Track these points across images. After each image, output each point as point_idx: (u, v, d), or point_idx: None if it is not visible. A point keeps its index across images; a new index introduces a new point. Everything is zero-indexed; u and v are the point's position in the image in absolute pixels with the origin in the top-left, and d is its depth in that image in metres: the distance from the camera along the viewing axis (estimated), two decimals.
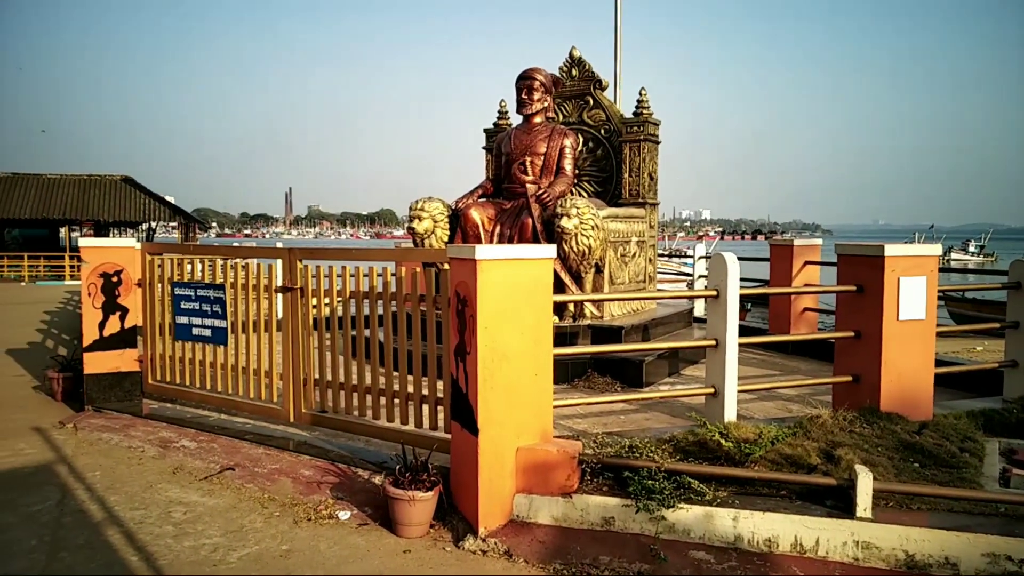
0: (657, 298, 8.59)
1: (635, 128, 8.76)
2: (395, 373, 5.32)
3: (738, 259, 5.36)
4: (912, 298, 5.35)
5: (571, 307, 7.92)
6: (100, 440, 6.05)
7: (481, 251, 4.15)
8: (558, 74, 9.11)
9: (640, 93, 8.85)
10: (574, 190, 8.75)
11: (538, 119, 8.55)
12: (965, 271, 34.49)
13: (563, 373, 7.07)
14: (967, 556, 3.63)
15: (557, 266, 7.34)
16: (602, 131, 9.11)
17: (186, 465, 5.40)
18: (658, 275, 10.14)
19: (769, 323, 9.95)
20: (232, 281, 6.24)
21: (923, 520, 3.82)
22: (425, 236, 8.10)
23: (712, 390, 5.41)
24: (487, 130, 9.88)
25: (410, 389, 5.23)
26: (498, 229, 8.10)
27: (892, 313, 5.34)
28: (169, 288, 6.64)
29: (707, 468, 4.27)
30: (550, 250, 4.51)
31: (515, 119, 9.09)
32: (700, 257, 13.14)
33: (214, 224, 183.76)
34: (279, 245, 8.02)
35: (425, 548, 4.14)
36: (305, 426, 5.88)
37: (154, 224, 35.21)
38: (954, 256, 54.99)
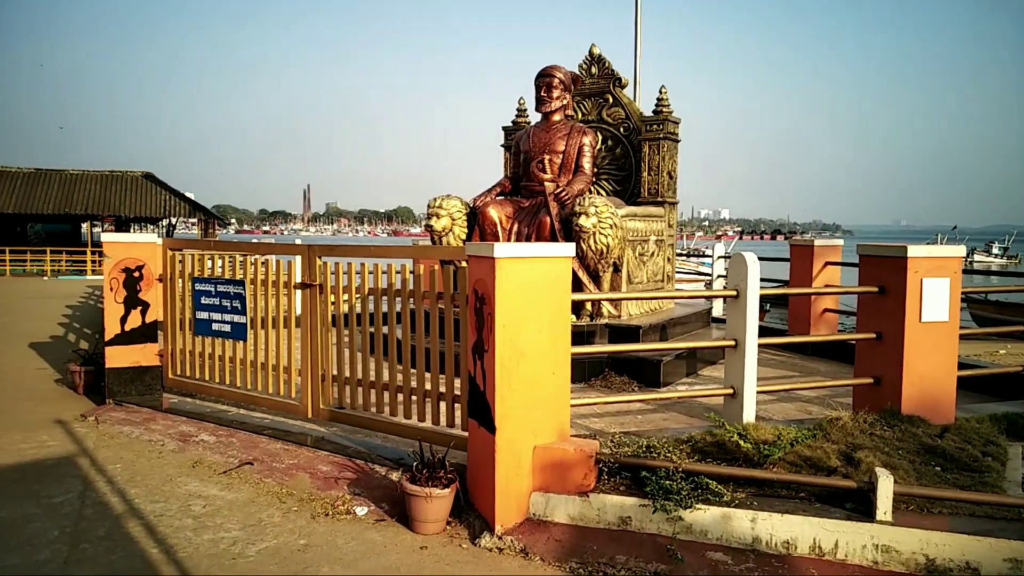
0: (675, 297, 8.56)
1: (655, 126, 8.73)
2: (412, 370, 5.34)
3: (758, 259, 5.33)
4: (935, 300, 5.29)
5: (589, 306, 7.90)
6: (121, 433, 6.11)
7: (500, 249, 4.15)
8: (578, 72, 9.08)
9: (660, 91, 8.81)
10: (592, 188, 8.73)
11: (557, 117, 8.53)
12: (988, 273, 34.07)
13: (580, 372, 7.06)
14: (988, 561, 3.58)
15: (575, 265, 7.33)
16: (621, 129, 9.08)
17: (205, 459, 5.45)
18: (676, 275, 10.10)
19: (788, 324, 9.88)
20: (252, 277, 6.29)
21: (944, 524, 3.78)
22: (443, 234, 8.11)
23: (731, 391, 5.38)
24: (505, 128, 9.88)
25: (427, 386, 5.25)
26: (516, 227, 8.10)
27: (915, 315, 5.28)
28: (190, 283, 6.71)
29: (725, 469, 4.25)
30: (568, 248, 4.51)
31: (534, 117, 9.08)
32: (719, 257, 13.07)
33: (233, 220, 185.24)
34: (298, 242, 8.06)
35: (442, 545, 4.15)
36: (323, 422, 5.91)
37: (174, 220, 35.51)
38: (977, 258, 54.33)
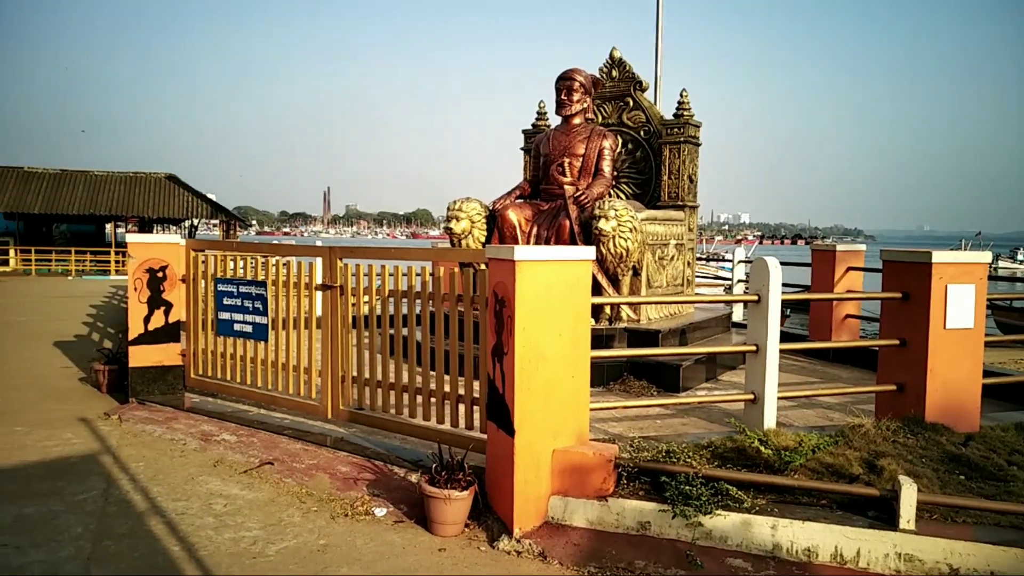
0: (695, 302, 8.51)
1: (675, 130, 8.69)
2: (431, 372, 5.35)
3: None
4: (960, 306, 5.23)
5: (607, 309, 7.88)
6: (143, 432, 6.18)
7: (520, 252, 4.15)
8: (598, 75, 9.07)
9: (681, 94, 8.78)
10: (612, 192, 8.72)
11: (577, 120, 8.53)
12: (1013, 279, 33.59)
13: (598, 376, 7.04)
14: (1014, 571, 3.53)
15: (594, 268, 7.30)
16: (641, 132, 9.05)
17: (226, 458, 5.50)
18: (695, 279, 10.05)
19: (809, 329, 9.80)
20: (273, 278, 6.34)
21: (968, 534, 3.73)
22: (462, 236, 8.13)
23: (752, 396, 5.35)
24: (525, 131, 9.89)
25: (446, 388, 5.26)
26: (535, 230, 8.10)
27: (939, 321, 5.22)
28: (212, 284, 6.77)
29: (746, 475, 4.22)
30: (589, 251, 4.50)
31: (554, 120, 9.08)
32: (739, 261, 12.99)
33: (254, 222, 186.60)
34: (319, 243, 8.11)
35: (460, 547, 4.15)
36: (342, 423, 5.94)
37: (196, 221, 35.87)
38: (1002, 264, 53.54)
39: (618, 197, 8.76)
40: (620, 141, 8.84)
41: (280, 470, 5.21)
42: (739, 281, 12.65)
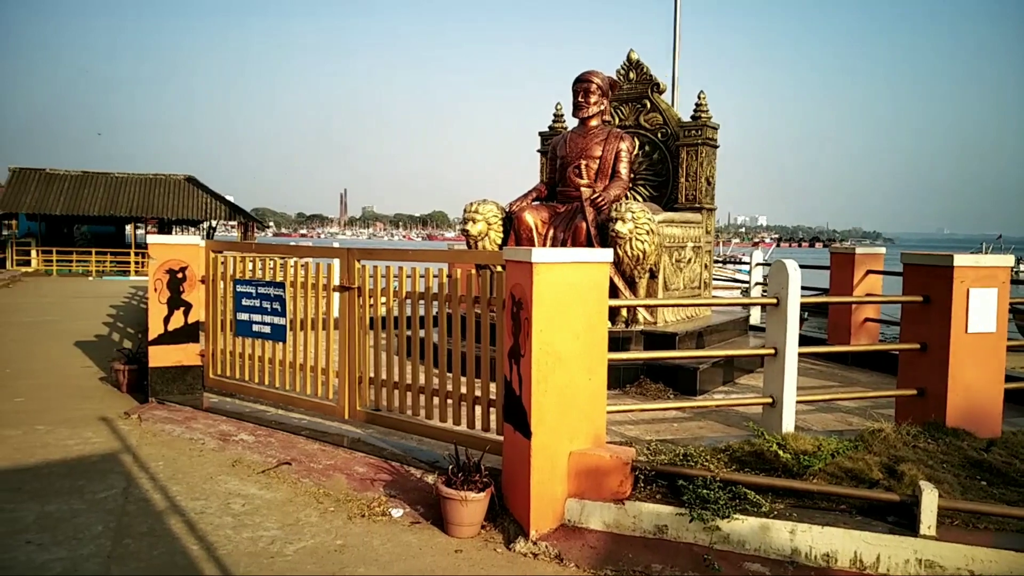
0: (712, 305, 8.47)
1: (693, 132, 8.66)
2: (448, 374, 5.36)
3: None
4: (982, 310, 5.17)
5: (624, 312, 7.86)
6: (163, 431, 6.24)
7: (537, 254, 4.16)
8: (615, 77, 9.06)
9: (699, 96, 8.74)
10: (629, 194, 8.70)
11: (594, 122, 8.51)
12: None
13: (615, 379, 7.02)
14: None
15: (611, 271, 7.30)
16: (659, 135, 9.03)
17: (245, 458, 5.54)
18: (712, 282, 10.00)
19: (828, 333, 9.73)
20: (291, 279, 6.37)
21: (989, 540, 3.69)
22: (479, 238, 8.14)
23: (770, 400, 5.31)
24: (542, 133, 9.89)
25: (463, 390, 5.27)
26: (552, 232, 8.10)
27: (960, 325, 5.16)
28: (231, 285, 6.82)
29: (764, 479, 4.19)
30: (606, 254, 4.49)
31: (571, 122, 9.08)
32: (757, 264, 12.92)
33: (271, 223, 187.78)
34: (336, 245, 8.16)
35: (476, 549, 4.16)
36: (359, 423, 5.97)
37: (214, 223, 36.13)
38: (1023, 268, 52.82)
39: (635, 199, 8.73)
40: (637, 143, 8.82)
41: (298, 470, 5.24)
42: (756, 284, 12.58)
